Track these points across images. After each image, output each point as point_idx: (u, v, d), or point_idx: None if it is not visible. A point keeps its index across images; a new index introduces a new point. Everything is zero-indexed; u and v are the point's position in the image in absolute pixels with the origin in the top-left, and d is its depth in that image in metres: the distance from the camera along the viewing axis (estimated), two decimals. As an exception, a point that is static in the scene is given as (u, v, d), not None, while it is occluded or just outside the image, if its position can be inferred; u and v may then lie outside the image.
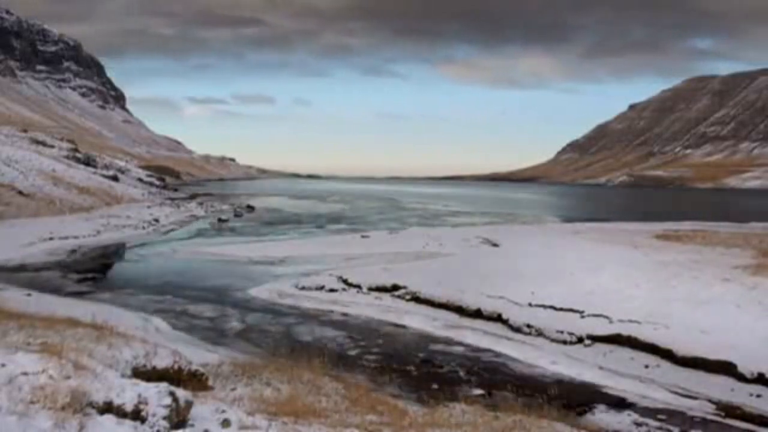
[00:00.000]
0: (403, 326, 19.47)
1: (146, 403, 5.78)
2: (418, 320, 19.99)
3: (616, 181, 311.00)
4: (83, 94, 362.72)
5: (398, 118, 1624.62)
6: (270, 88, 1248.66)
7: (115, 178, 79.52)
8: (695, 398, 13.61)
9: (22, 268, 28.52)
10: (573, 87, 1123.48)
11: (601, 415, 12.42)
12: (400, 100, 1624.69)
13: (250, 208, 72.98)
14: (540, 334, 17.67)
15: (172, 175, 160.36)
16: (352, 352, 16.60)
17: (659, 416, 12.73)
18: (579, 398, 13.31)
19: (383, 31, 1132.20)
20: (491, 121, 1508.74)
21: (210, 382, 9.31)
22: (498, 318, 19.10)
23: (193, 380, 8.71)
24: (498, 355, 16.71)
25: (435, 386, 13.65)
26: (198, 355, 12.72)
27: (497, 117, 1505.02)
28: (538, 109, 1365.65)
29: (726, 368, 14.18)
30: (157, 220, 51.59)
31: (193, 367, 9.06)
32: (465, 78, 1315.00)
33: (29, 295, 21.25)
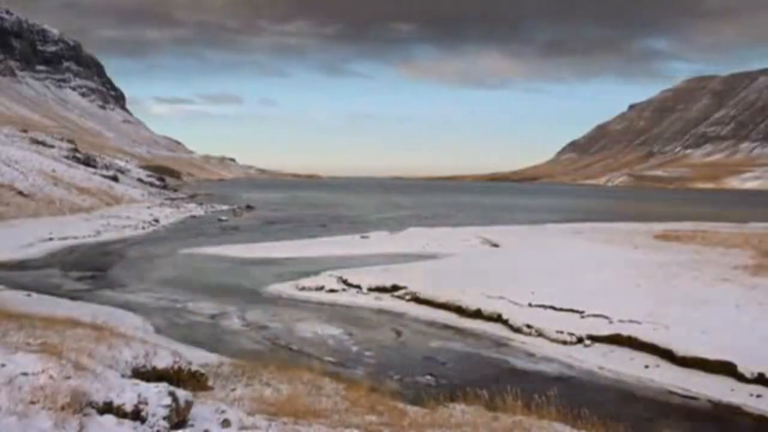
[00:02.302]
0: (403, 327, 19.46)
1: (146, 403, 5.79)
2: (418, 321, 19.98)
3: (616, 181, 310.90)
4: (83, 94, 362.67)
5: (369, 118, 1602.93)
6: (233, 88, 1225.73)
7: (115, 179, 79.55)
8: (695, 398, 13.61)
9: (22, 268, 28.52)
10: (538, 87, 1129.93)
11: (599, 416, 12.40)
12: (367, 100, 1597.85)
13: (250, 207, 73.02)
14: (540, 334, 17.66)
15: (172, 176, 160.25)
16: (352, 353, 16.60)
17: (659, 417, 12.72)
18: (579, 399, 13.29)
19: (326, 31, 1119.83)
20: (463, 120, 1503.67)
21: (210, 383, 9.32)
22: (498, 318, 19.09)
23: (193, 380, 8.71)
24: (498, 355, 16.71)
25: (435, 386, 13.65)
26: (198, 355, 12.72)
27: (469, 117, 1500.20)
28: (508, 108, 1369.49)
29: (726, 368, 14.18)
30: (156, 221, 51.60)
31: (193, 368, 9.07)
32: (427, 78, 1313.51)
33: (29, 295, 21.24)
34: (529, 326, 18.09)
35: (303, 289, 23.91)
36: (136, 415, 5.68)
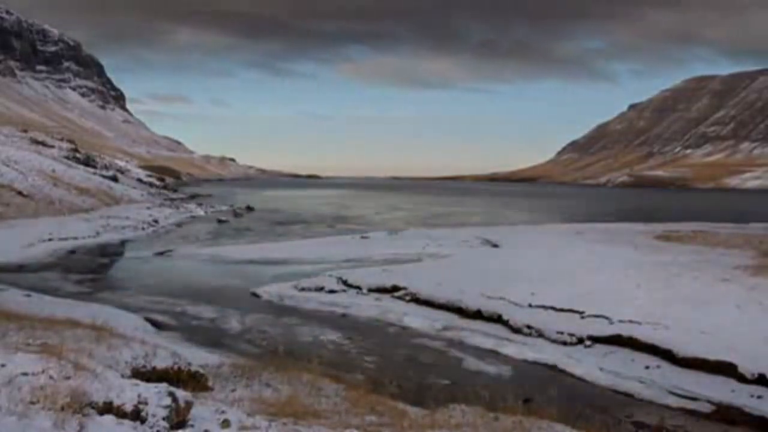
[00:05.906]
0: (403, 327, 19.46)
1: (146, 404, 5.78)
2: (418, 321, 19.97)
3: (616, 181, 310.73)
4: (83, 94, 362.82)
5: (325, 119, 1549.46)
6: (181, 88, 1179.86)
7: (114, 179, 79.51)
8: (695, 399, 13.60)
9: (21, 268, 28.51)
10: (482, 87, 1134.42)
11: (600, 416, 12.41)
12: (316, 101, 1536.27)
13: (250, 208, 72.99)
14: (540, 335, 17.65)
15: (172, 176, 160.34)
16: (352, 353, 16.60)
17: (659, 417, 12.72)
18: (579, 399, 13.30)
19: (253, 31, 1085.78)
20: (425, 120, 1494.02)
21: (210, 383, 9.32)
22: (498, 319, 19.08)
23: (193, 381, 8.72)
24: (498, 356, 16.70)
25: (435, 387, 13.65)
26: (197, 356, 12.71)
27: (428, 117, 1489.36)
28: (455, 109, 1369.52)
29: (726, 369, 14.17)
30: (156, 221, 51.58)
31: (193, 368, 9.07)
32: (368, 79, 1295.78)
33: (29, 295, 21.23)
34: (529, 327, 18.08)
35: (302, 289, 23.90)
36: (136, 416, 5.68)
